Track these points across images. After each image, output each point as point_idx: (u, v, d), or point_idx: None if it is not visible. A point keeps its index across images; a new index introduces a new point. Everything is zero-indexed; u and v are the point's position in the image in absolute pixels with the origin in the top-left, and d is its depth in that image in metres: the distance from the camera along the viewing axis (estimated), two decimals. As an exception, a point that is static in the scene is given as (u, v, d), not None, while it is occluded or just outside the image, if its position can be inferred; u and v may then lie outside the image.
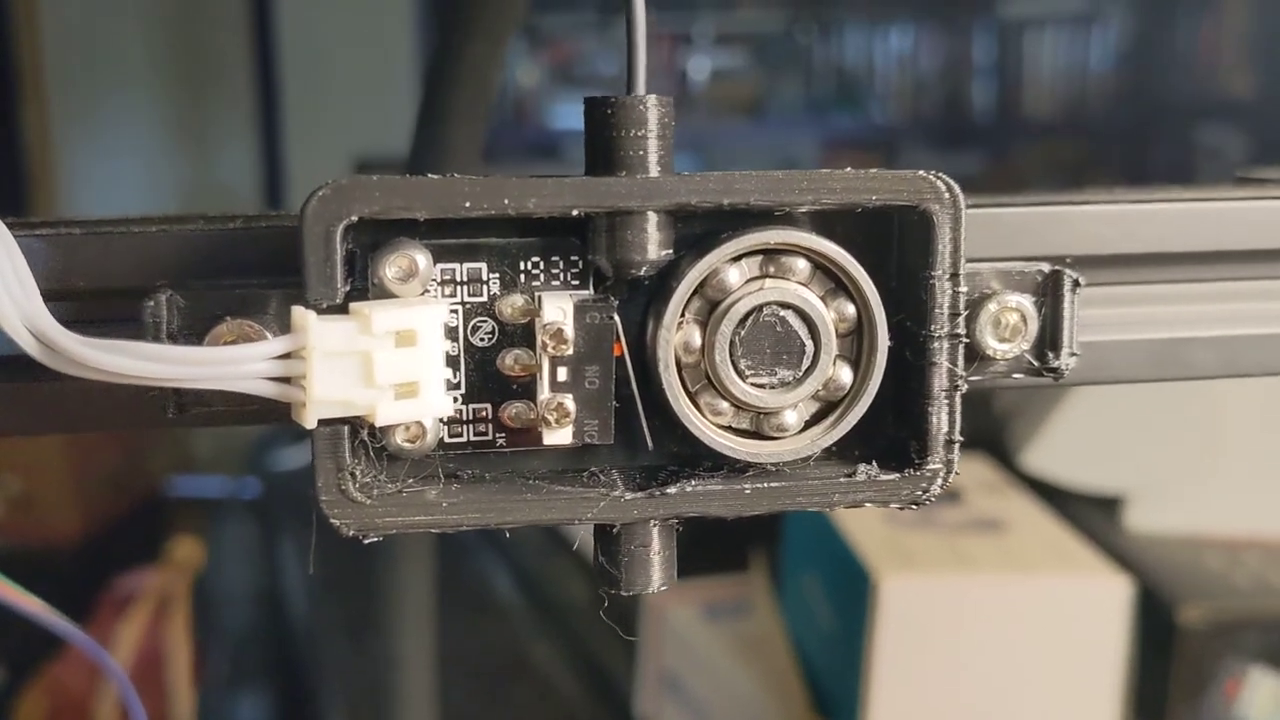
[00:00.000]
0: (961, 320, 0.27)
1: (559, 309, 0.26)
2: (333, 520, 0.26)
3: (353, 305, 0.25)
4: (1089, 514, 0.94)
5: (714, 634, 0.96)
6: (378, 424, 0.25)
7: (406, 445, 0.26)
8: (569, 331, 0.26)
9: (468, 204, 0.25)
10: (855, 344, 0.27)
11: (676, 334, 0.26)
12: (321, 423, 0.25)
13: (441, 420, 0.27)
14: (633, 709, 0.94)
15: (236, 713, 1.27)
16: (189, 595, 1.26)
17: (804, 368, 0.27)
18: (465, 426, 0.27)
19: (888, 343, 0.27)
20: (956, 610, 0.80)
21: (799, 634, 0.95)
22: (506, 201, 0.25)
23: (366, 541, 0.26)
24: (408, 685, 0.97)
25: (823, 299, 0.27)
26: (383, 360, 0.25)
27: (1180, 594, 0.79)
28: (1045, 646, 0.80)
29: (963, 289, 0.27)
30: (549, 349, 0.26)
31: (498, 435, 0.27)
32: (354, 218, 0.25)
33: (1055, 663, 0.80)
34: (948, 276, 0.27)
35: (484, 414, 0.27)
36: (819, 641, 0.91)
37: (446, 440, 0.27)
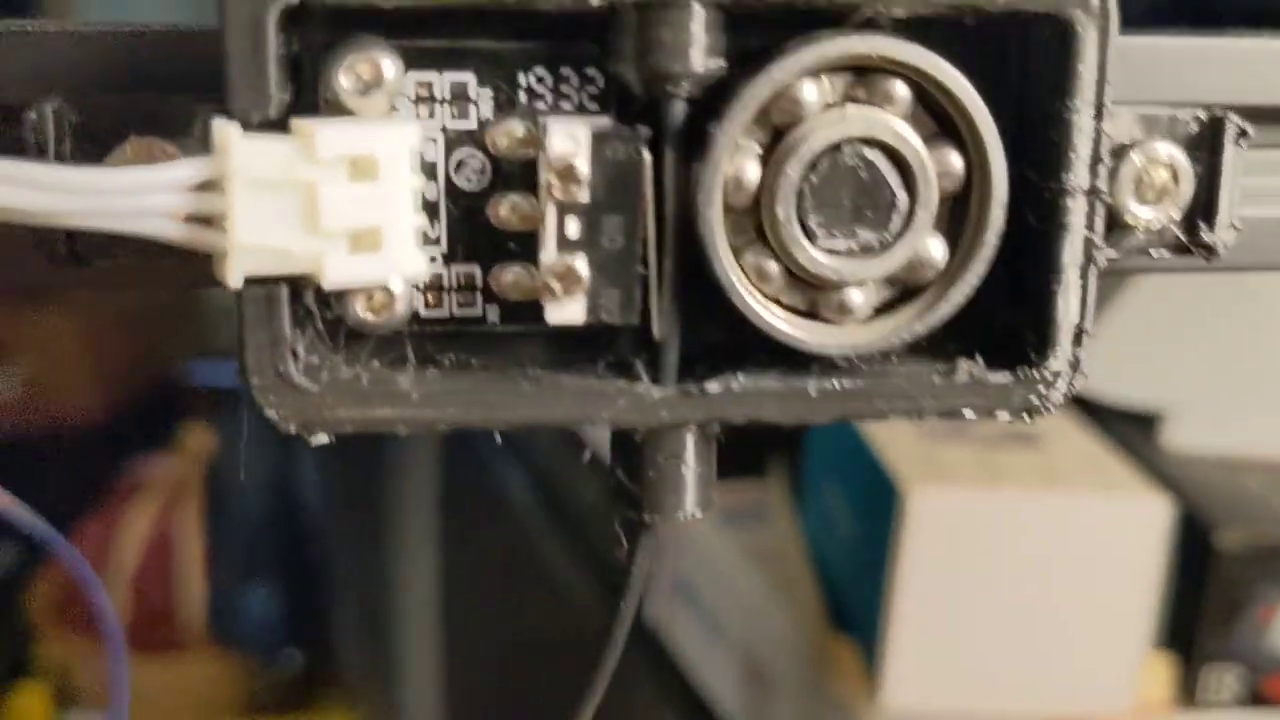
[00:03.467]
0: (1104, 171, 0.20)
1: (570, 137, 0.19)
2: (268, 411, 0.19)
3: (294, 121, 0.19)
4: (1127, 431, 0.88)
5: (730, 541, 0.91)
6: (326, 284, 0.19)
7: (369, 317, 0.20)
8: (583, 169, 0.19)
9: (450, -15, 0.18)
10: (955, 212, 0.21)
11: (731, 163, 0.20)
12: (250, 281, 0.19)
13: (416, 286, 0.20)
14: (644, 615, 0.89)
15: (246, 602, 1.24)
16: (201, 484, 1.22)
17: (894, 230, 0.20)
18: (447, 295, 0.21)
19: (1006, 200, 0.20)
20: (986, 525, 0.75)
21: (818, 545, 0.90)
22: (503, -17, 0.18)
23: (315, 442, 0.20)
24: (412, 588, 0.93)
25: (927, 141, 0.20)
26: (332, 196, 0.18)
27: (1217, 517, 0.73)
28: (1077, 565, 0.75)
29: (1108, 128, 0.20)
30: (555, 192, 0.19)
31: (488, 308, 0.21)
32: (293, 0, 0.18)
33: (1086, 582, 0.75)
34: (1091, 111, 0.20)
35: (471, 279, 0.21)
36: (839, 553, 0.86)
37: (423, 314, 0.21)
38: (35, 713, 1.16)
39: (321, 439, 0.20)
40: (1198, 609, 0.69)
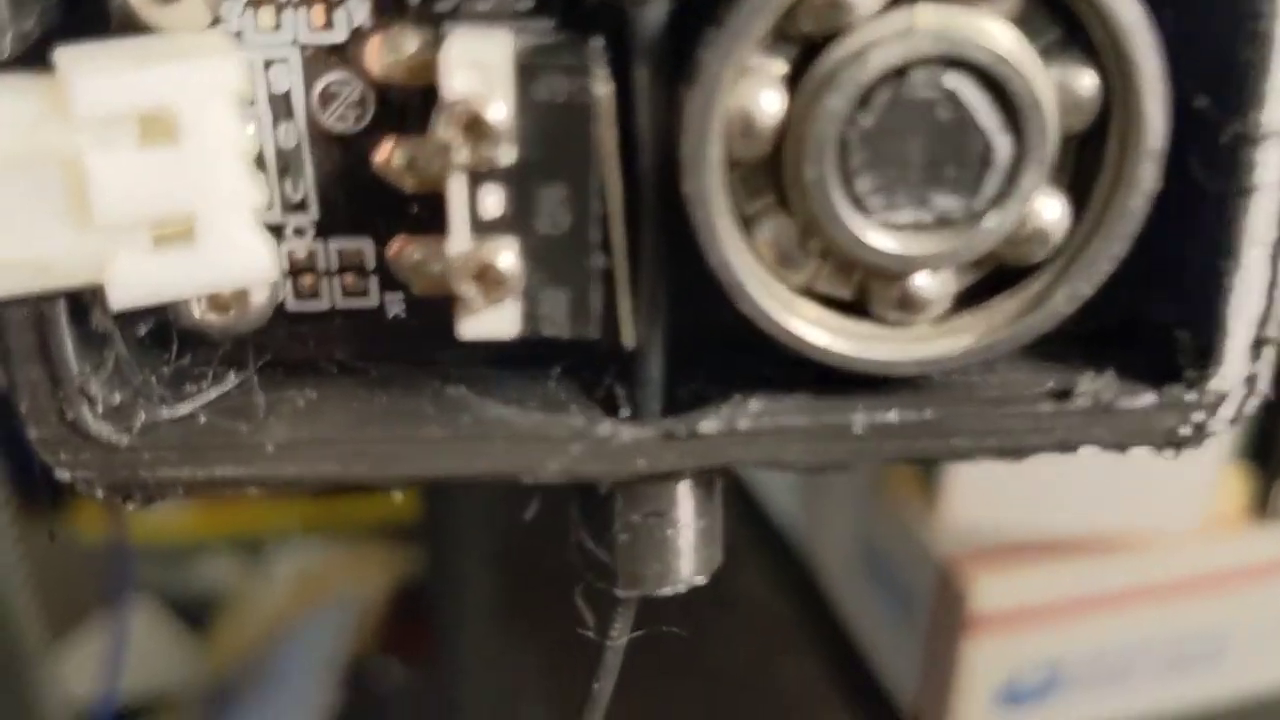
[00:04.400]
0: (1321, 104, 0.13)
1: (478, 70, 0.12)
2: (59, 472, 0.13)
3: (58, 54, 0.12)
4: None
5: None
6: (112, 303, 0.12)
7: (211, 319, 0.14)
8: (501, 119, 0.12)
9: None
10: (1083, 154, 0.14)
11: (735, 94, 0.13)
12: (6, 304, 0.12)
13: (281, 272, 0.14)
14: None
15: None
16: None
17: (989, 194, 0.13)
18: (325, 281, 0.14)
19: (1162, 146, 0.13)
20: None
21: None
22: None
23: (132, 508, 0.14)
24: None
25: (1042, 56, 0.13)
26: (109, 172, 0.12)
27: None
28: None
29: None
30: (460, 155, 0.12)
31: (387, 296, 0.14)
32: None
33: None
34: (1310, 10, 0.13)
35: (359, 258, 0.14)
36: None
37: (292, 307, 0.14)
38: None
39: (145, 505, 0.14)
40: (1277, 422, 0.63)
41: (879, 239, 0.13)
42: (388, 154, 0.13)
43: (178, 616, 0.85)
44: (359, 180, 0.14)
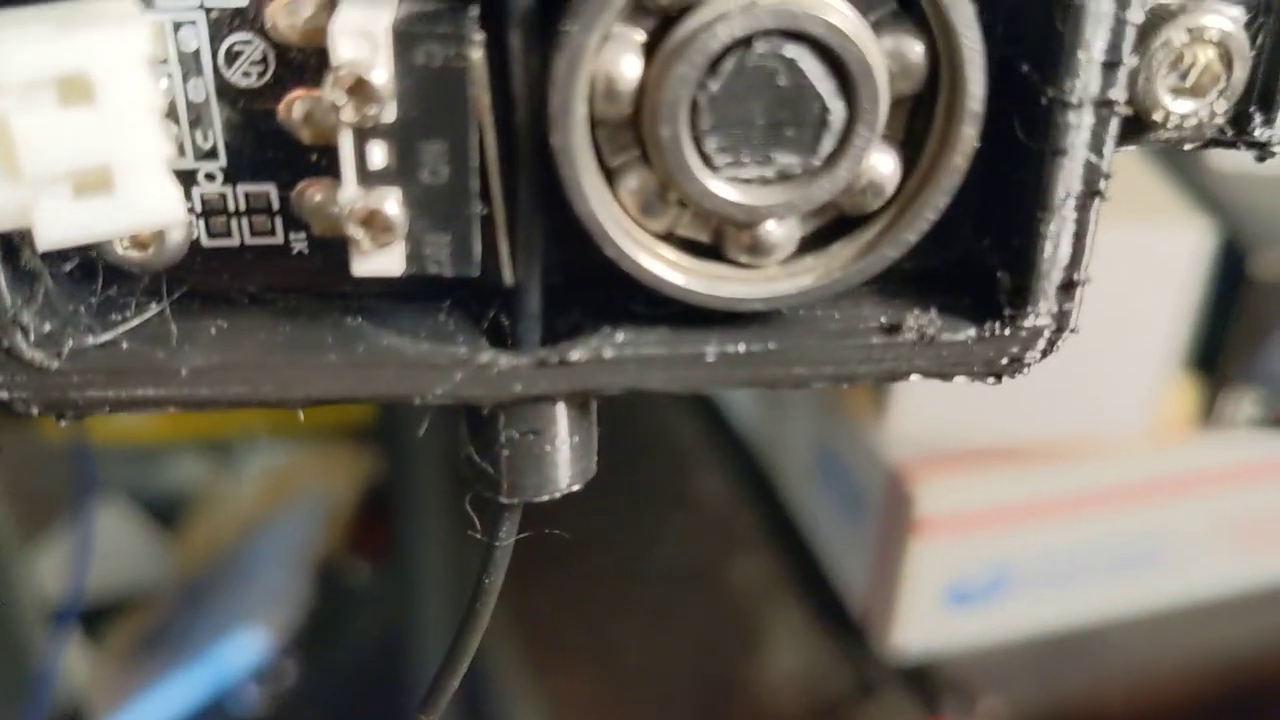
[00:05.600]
0: (1122, 75, 0.14)
1: (362, 38, 0.14)
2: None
3: (-18, 20, 0.13)
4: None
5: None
6: (40, 244, 0.14)
7: (134, 256, 0.15)
8: (383, 83, 0.14)
9: None
10: (916, 114, 0.15)
11: (598, 59, 0.14)
12: (-61, 242, 0.14)
13: (194, 212, 0.16)
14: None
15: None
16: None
17: (824, 152, 0.15)
18: (234, 221, 0.16)
19: (982, 110, 0.15)
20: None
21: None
22: None
23: (64, 424, 0.15)
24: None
25: (874, 29, 0.14)
26: (34, 131, 0.13)
27: (1256, 242, 0.68)
28: (1108, 290, 0.70)
29: (1135, 16, 0.14)
30: (347, 114, 0.14)
31: (292, 235, 0.16)
32: None
33: (1114, 306, 0.71)
34: (1111, -10, 0.14)
35: (265, 200, 0.16)
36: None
37: (206, 243, 0.16)
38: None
39: (74, 419, 0.15)
40: (1225, 332, 0.66)
41: (726, 192, 0.15)
42: (287, 108, 0.15)
43: (149, 516, 0.87)
44: (263, 130, 0.15)
